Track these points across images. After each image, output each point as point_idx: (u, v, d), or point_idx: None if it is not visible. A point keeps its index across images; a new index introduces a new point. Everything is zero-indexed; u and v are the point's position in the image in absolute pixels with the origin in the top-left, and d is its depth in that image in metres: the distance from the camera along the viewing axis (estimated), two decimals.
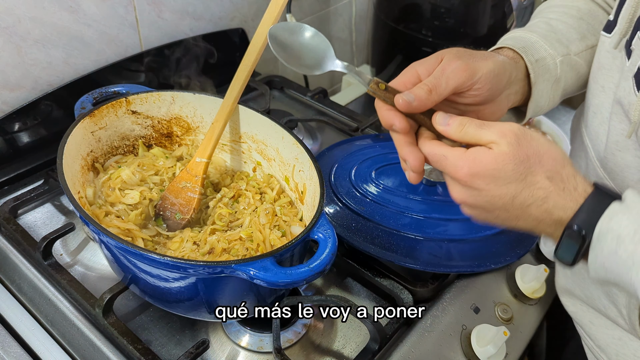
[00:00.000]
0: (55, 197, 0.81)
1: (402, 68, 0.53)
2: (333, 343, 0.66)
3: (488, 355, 0.66)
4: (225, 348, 0.64)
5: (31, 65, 0.83)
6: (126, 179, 0.69)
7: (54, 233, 0.69)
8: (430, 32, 1.11)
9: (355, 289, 0.73)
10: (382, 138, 0.93)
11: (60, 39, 0.84)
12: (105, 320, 0.62)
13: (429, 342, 0.66)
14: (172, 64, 1.01)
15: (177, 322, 0.66)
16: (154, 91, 0.74)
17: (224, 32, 1.08)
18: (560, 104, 1.43)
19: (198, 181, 0.70)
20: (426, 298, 0.71)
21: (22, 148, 0.84)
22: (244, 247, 0.63)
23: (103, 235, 0.53)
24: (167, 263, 0.51)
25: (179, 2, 0.98)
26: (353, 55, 1.45)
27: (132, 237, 0.64)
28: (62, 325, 0.65)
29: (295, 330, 0.66)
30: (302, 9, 1.23)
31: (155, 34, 0.97)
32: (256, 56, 0.67)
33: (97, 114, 0.69)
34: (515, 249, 0.77)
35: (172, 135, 0.78)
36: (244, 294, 0.58)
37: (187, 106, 0.76)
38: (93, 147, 0.70)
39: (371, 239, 0.73)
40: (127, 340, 0.60)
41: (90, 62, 0.90)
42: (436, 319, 0.69)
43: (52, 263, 0.68)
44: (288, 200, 0.72)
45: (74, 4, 0.83)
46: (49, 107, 0.86)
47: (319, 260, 0.53)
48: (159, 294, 0.60)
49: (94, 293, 0.65)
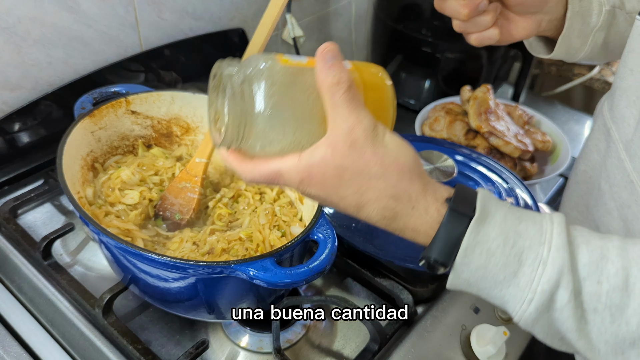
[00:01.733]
0: (55, 197, 0.81)
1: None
2: (333, 343, 0.66)
3: (488, 355, 0.66)
4: (225, 348, 0.64)
5: (31, 65, 0.83)
6: (126, 179, 0.69)
7: (54, 233, 0.69)
8: (430, 32, 1.11)
9: (355, 289, 0.73)
10: None
11: (60, 39, 0.84)
12: (105, 320, 0.62)
13: (429, 342, 0.66)
14: (172, 64, 1.01)
15: (177, 322, 0.66)
16: (153, 91, 0.74)
17: (224, 32, 1.08)
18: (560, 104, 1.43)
19: (198, 181, 0.70)
20: (426, 298, 0.71)
21: (22, 148, 0.84)
22: (243, 248, 0.63)
23: (103, 235, 0.53)
24: (167, 263, 0.51)
25: (179, 2, 0.98)
26: (353, 55, 1.45)
27: (131, 237, 0.64)
28: (62, 325, 0.65)
29: (295, 330, 0.66)
30: (302, 9, 1.23)
31: (155, 34, 0.97)
32: None
33: (97, 114, 0.69)
34: None
35: (172, 135, 0.78)
36: (243, 294, 0.58)
37: (186, 106, 0.76)
38: (93, 147, 0.70)
39: (371, 239, 0.73)
40: (127, 340, 0.60)
41: (90, 62, 0.90)
42: (436, 319, 0.69)
43: (52, 263, 0.68)
44: (288, 201, 0.72)
45: (74, 4, 0.83)
46: (49, 107, 0.86)
47: (319, 261, 0.53)
48: (159, 294, 0.60)
49: (94, 293, 0.65)
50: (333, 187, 0.41)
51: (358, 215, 0.42)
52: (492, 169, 0.83)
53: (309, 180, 0.41)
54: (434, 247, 0.42)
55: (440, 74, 1.17)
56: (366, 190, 0.41)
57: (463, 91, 1.06)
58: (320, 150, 0.40)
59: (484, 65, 1.17)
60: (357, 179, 0.40)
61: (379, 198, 0.41)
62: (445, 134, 1.01)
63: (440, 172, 0.75)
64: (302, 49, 1.20)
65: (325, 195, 0.42)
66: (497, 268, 0.40)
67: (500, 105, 1.05)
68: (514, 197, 0.78)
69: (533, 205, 0.77)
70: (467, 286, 0.42)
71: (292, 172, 0.41)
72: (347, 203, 0.42)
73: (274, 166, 0.42)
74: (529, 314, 0.40)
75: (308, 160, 0.40)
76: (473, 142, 0.99)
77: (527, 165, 0.98)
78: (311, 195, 0.42)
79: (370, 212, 0.42)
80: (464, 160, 0.84)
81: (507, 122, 1.02)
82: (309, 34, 1.25)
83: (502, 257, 0.40)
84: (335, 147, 0.40)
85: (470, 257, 0.41)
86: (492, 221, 0.41)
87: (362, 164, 0.40)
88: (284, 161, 0.41)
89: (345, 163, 0.40)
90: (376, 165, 0.40)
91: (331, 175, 0.40)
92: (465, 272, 0.41)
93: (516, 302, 0.41)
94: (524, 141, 0.99)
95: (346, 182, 0.40)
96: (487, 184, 0.80)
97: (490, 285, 0.41)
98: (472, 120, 0.98)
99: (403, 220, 0.42)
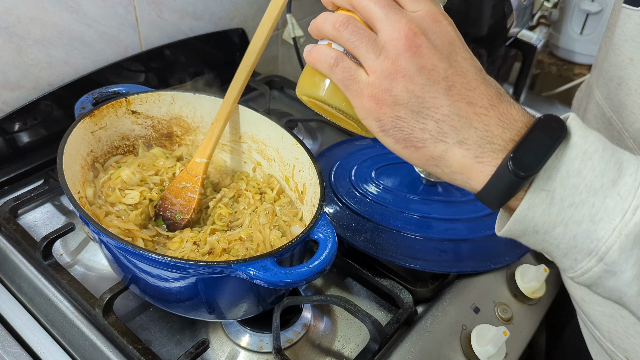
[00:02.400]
0: (55, 197, 0.81)
1: None
2: (333, 343, 0.66)
3: (488, 355, 0.66)
4: (225, 348, 0.64)
5: (31, 65, 0.83)
6: (126, 179, 0.69)
7: (54, 233, 0.69)
8: None
9: (355, 289, 0.73)
10: None
11: (60, 39, 0.84)
12: (105, 320, 0.62)
13: (429, 342, 0.66)
14: (172, 64, 1.01)
15: (177, 322, 0.66)
16: (154, 91, 0.74)
17: (224, 32, 1.08)
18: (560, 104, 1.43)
19: (198, 181, 0.70)
20: (426, 298, 0.71)
21: (22, 148, 0.84)
22: (243, 247, 0.63)
23: (103, 235, 0.53)
24: (167, 263, 0.51)
25: (179, 2, 0.98)
26: None
27: (132, 237, 0.64)
28: (62, 325, 0.65)
29: (295, 330, 0.66)
30: (302, 9, 1.23)
31: (155, 34, 0.97)
32: (256, 56, 0.67)
33: (97, 114, 0.69)
34: (515, 249, 0.77)
35: (172, 135, 0.78)
36: (244, 294, 0.58)
37: (187, 106, 0.76)
38: (93, 147, 0.70)
39: (371, 239, 0.73)
40: (127, 340, 0.60)
41: (90, 62, 0.90)
42: (436, 319, 0.69)
43: (52, 263, 0.68)
44: (288, 200, 0.72)
45: (74, 4, 0.83)
46: (49, 107, 0.86)
47: (319, 260, 0.53)
48: (159, 294, 0.60)
49: (94, 293, 0.65)
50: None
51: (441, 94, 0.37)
52: None
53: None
54: (521, 148, 0.35)
55: None
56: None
57: None
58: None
59: (484, 65, 1.17)
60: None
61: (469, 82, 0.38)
62: None
63: None
64: (302, 48, 1.20)
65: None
66: (593, 174, 0.35)
67: None
68: None
69: None
70: (549, 204, 0.35)
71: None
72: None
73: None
74: (633, 225, 0.34)
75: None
76: None
77: None
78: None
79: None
80: None
81: None
82: (309, 34, 1.25)
83: (601, 163, 0.35)
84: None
85: (562, 160, 0.35)
86: (589, 128, 0.37)
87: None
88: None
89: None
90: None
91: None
92: (553, 180, 0.35)
93: (615, 215, 0.34)
94: None
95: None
96: None
97: (582, 199, 0.35)
98: None
99: (494, 121, 0.37)
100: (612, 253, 0.35)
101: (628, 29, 0.58)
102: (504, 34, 1.16)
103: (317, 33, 0.42)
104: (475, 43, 1.15)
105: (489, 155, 0.36)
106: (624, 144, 0.59)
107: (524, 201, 0.36)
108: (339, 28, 0.39)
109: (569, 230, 0.36)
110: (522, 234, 0.38)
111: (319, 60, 0.40)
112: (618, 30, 0.60)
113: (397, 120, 0.37)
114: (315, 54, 0.41)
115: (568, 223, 0.36)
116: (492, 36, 1.15)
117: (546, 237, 0.37)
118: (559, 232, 0.36)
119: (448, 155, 0.37)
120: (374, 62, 0.38)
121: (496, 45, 1.18)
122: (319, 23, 0.41)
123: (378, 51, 0.38)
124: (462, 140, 0.37)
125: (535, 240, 0.38)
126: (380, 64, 0.37)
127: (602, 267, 0.36)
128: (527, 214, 0.36)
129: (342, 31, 0.39)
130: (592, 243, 0.35)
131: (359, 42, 0.38)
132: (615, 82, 0.60)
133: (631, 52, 0.57)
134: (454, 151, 0.37)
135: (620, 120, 0.59)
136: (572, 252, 0.36)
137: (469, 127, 0.37)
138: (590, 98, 0.68)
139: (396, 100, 0.37)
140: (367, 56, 0.38)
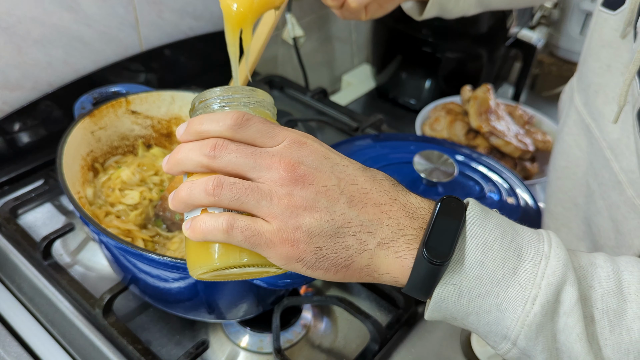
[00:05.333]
0: (55, 197, 0.81)
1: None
2: (333, 343, 0.66)
3: (488, 355, 0.65)
4: (225, 348, 0.64)
5: (31, 65, 0.83)
6: (126, 179, 0.69)
7: (54, 233, 0.69)
8: (430, 32, 1.11)
9: (355, 289, 0.73)
10: (382, 138, 0.93)
11: (60, 39, 0.84)
12: (105, 320, 0.62)
13: (429, 342, 0.66)
14: (172, 64, 1.01)
15: (177, 323, 0.66)
16: (153, 91, 0.74)
17: (224, 32, 1.08)
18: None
19: None
20: None
21: (22, 148, 0.84)
22: None
23: (103, 235, 0.53)
24: (167, 263, 0.51)
25: (179, 2, 0.98)
26: (353, 55, 1.45)
27: (132, 238, 0.64)
28: (62, 325, 0.65)
29: (295, 330, 0.66)
30: (302, 9, 1.23)
31: (155, 34, 0.97)
32: (256, 56, 0.67)
33: (97, 114, 0.69)
34: None
35: (172, 135, 0.78)
36: (243, 295, 0.58)
37: (187, 106, 0.76)
38: (93, 147, 0.70)
39: None
40: (127, 340, 0.60)
41: (90, 62, 0.90)
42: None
43: (52, 263, 0.68)
44: None
45: (74, 4, 0.83)
46: (49, 107, 0.86)
47: None
48: (159, 294, 0.60)
49: (94, 293, 0.65)
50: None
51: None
52: (492, 168, 0.83)
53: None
54: (432, 236, 0.36)
55: (441, 73, 1.17)
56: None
57: (463, 91, 1.06)
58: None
59: (485, 65, 1.17)
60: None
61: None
62: (446, 133, 1.01)
63: (441, 172, 0.75)
64: (302, 48, 1.20)
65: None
66: (494, 264, 0.35)
67: (501, 105, 1.05)
68: (514, 197, 0.78)
69: (533, 205, 0.77)
70: (458, 296, 0.36)
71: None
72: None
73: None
74: (533, 316, 0.34)
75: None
76: (473, 142, 0.99)
77: (528, 165, 0.98)
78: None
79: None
80: (465, 160, 0.84)
81: (508, 122, 1.02)
82: (309, 34, 1.25)
83: (501, 251, 0.35)
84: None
85: (465, 252, 0.36)
86: (488, 214, 0.37)
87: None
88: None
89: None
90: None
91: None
92: (458, 273, 0.36)
93: (517, 305, 0.35)
94: (525, 141, 0.99)
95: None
96: (488, 184, 0.80)
97: (487, 290, 0.35)
98: (472, 120, 0.98)
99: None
100: (520, 341, 0.36)
101: (605, 34, 0.56)
102: (504, 33, 1.16)
103: (185, 207, 0.37)
104: (476, 43, 1.15)
105: (405, 248, 0.36)
106: (602, 154, 0.57)
107: (434, 294, 0.37)
108: (214, 192, 0.35)
109: (482, 318, 0.37)
110: (443, 320, 0.39)
111: (209, 232, 0.36)
112: (596, 35, 0.58)
113: (319, 251, 0.36)
114: (200, 227, 0.36)
115: (479, 312, 0.36)
116: (492, 36, 1.15)
117: (464, 322, 0.38)
118: (472, 320, 0.37)
119: (374, 260, 0.37)
120: (269, 209, 0.35)
121: (496, 45, 1.18)
122: (184, 197, 0.37)
123: (268, 197, 0.35)
124: (380, 241, 0.37)
125: (457, 324, 0.39)
126: (277, 207, 0.35)
127: (517, 351, 0.37)
128: (441, 306, 0.37)
129: (220, 194, 0.35)
130: (503, 330, 0.36)
131: (245, 197, 0.35)
132: (593, 88, 0.58)
133: (609, 58, 0.56)
134: (377, 254, 0.37)
135: (598, 129, 0.57)
136: (490, 335, 0.37)
137: (382, 226, 0.37)
138: (571, 103, 0.66)
139: (310, 233, 0.35)
140: (259, 206, 0.35)
